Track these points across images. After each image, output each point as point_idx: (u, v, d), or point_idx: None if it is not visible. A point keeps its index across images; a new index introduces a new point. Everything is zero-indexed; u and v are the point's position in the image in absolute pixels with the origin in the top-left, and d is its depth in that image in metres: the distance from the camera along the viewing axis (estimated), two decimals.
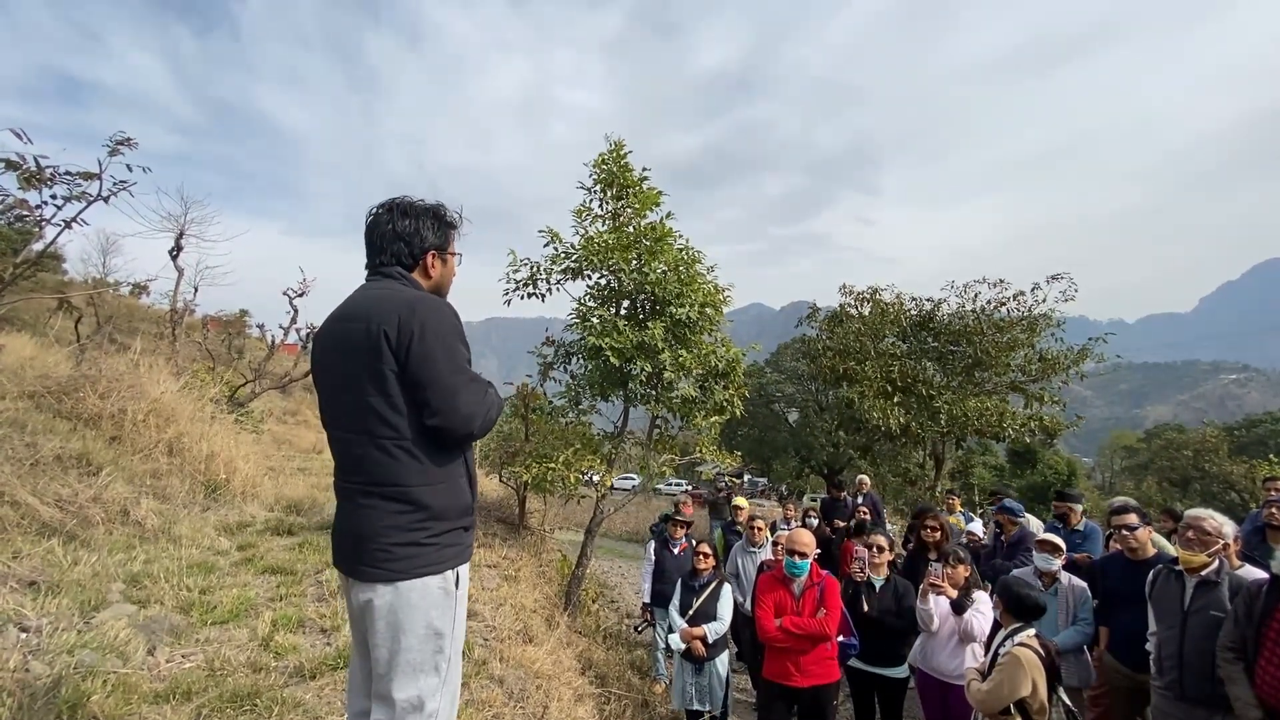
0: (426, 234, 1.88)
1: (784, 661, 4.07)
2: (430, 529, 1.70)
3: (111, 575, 3.63)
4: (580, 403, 7.00)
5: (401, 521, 1.68)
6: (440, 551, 1.72)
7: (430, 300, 1.76)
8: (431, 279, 1.92)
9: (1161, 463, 39.28)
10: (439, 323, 1.70)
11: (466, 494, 1.82)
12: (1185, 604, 3.29)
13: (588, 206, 6.84)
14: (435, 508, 1.71)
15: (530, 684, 3.55)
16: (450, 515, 1.74)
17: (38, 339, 9.96)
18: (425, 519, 1.69)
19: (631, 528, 20.48)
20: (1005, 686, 3.03)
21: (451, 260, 1.98)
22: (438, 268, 1.92)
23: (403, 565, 1.66)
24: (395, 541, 1.66)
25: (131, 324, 15.61)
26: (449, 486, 1.75)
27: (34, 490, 4.18)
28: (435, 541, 1.71)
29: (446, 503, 1.73)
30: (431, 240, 1.89)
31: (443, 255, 1.93)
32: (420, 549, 1.68)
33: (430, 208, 1.93)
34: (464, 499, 1.81)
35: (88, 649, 2.73)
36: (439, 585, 1.70)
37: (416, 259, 1.87)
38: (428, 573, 1.69)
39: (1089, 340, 15.19)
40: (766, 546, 6.39)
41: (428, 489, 1.70)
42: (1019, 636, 3.20)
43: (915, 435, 15.49)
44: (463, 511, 1.79)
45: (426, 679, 1.69)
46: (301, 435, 13.61)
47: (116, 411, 5.72)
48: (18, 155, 3.36)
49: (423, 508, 1.69)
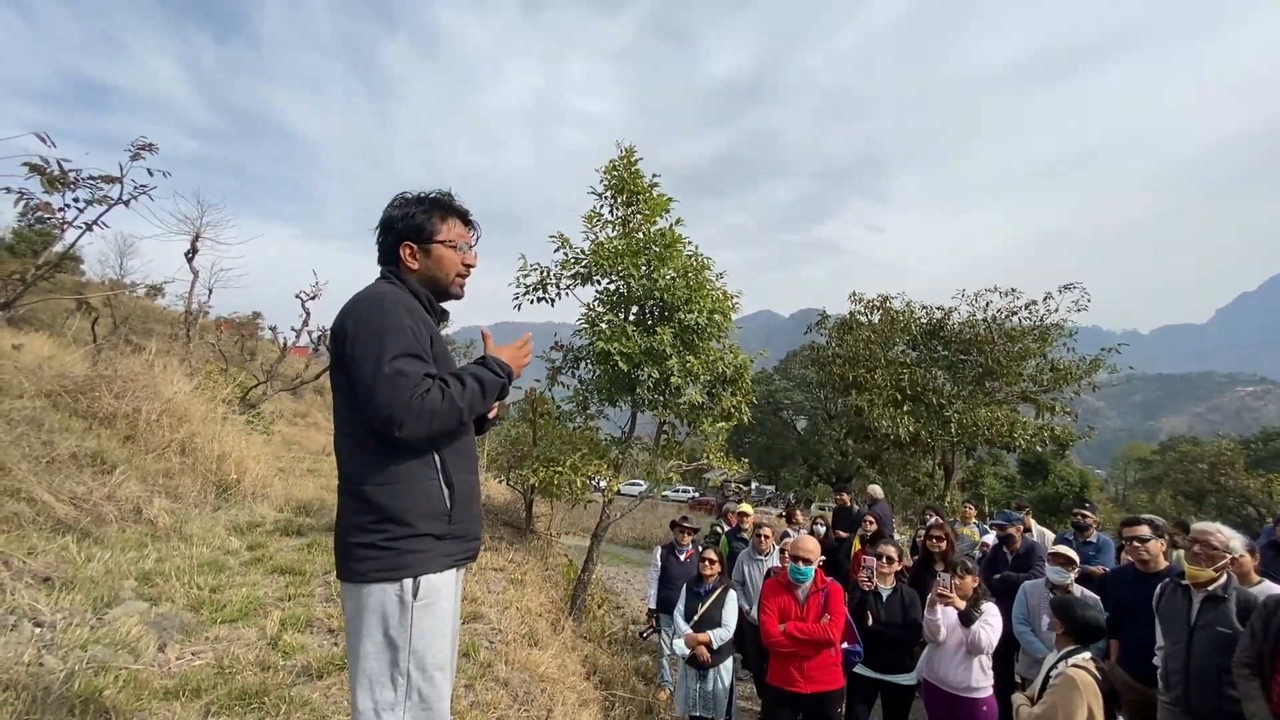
0: (400, 225, 1.76)
1: (788, 667, 4.05)
2: (387, 531, 1.59)
3: (124, 572, 3.68)
4: (588, 407, 7.02)
5: (360, 521, 1.61)
6: (398, 557, 1.59)
7: (372, 294, 1.67)
8: (417, 271, 1.78)
9: (1176, 476, 38.83)
10: (368, 320, 1.60)
11: (438, 499, 1.66)
12: (1192, 619, 3.26)
13: (598, 212, 6.88)
14: (389, 509, 1.59)
15: (535, 687, 3.56)
16: (409, 519, 1.60)
17: (55, 338, 10.12)
18: (379, 520, 1.59)
19: (638, 534, 20.45)
20: (1059, 711, 2.84)
21: (445, 249, 1.79)
22: (418, 260, 1.78)
23: (363, 567, 1.58)
24: (356, 541, 1.60)
25: (146, 325, 15.82)
26: (406, 488, 1.62)
27: (50, 487, 4.25)
28: (392, 546, 1.58)
29: (404, 505, 1.60)
30: (407, 232, 1.76)
31: (424, 246, 1.77)
32: (378, 552, 1.58)
33: (417, 196, 1.79)
34: (433, 503, 1.65)
35: (100, 645, 2.77)
36: (395, 593, 1.58)
37: (394, 253, 1.77)
38: (384, 578, 1.57)
39: (1102, 351, 15.07)
40: (773, 554, 6.36)
41: (380, 489, 1.60)
42: (1075, 658, 3.04)
43: (925, 444, 15.42)
44: (429, 516, 1.64)
45: (383, 692, 1.58)
46: (311, 437, 13.71)
47: (131, 411, 5.80)
48: (42, 159, 3.43)
49: (375, 508, 1.59)
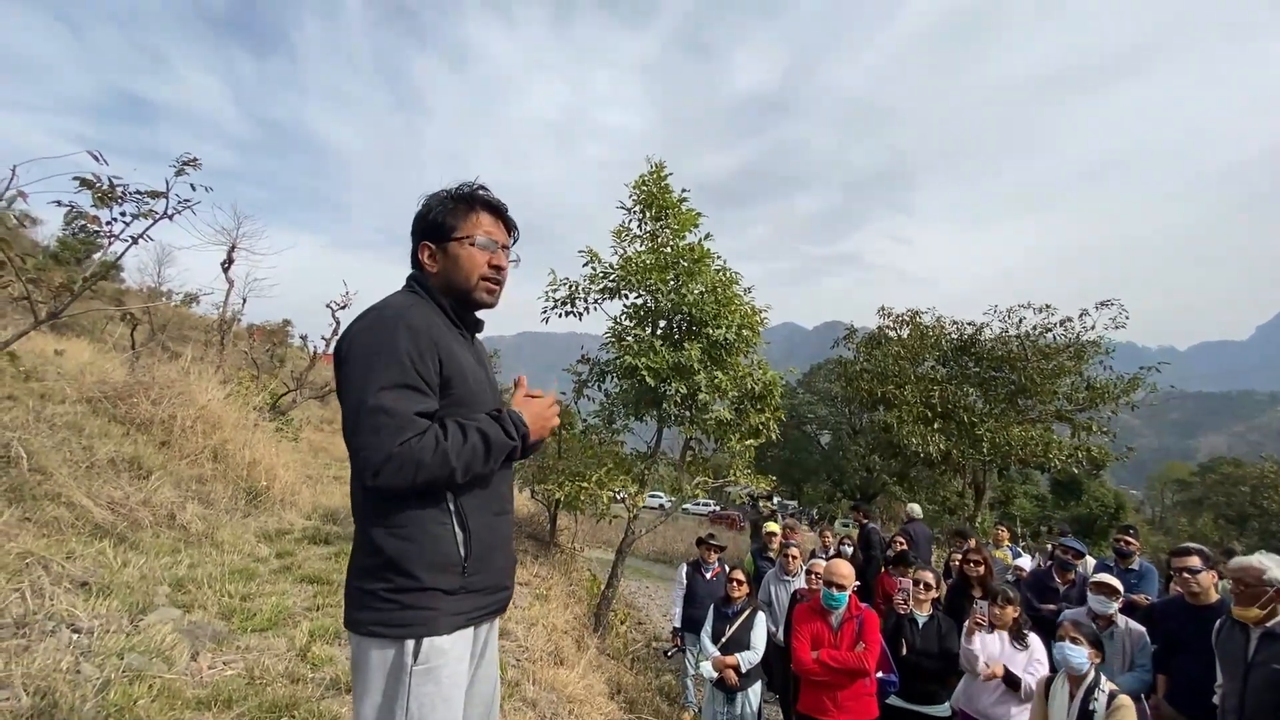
0: (419, 225, 1.58)
1: (820, 696, 3.94)
2: (390, 582, 1.39)
3: (158, 578, 3.73)
4: (614, 421, 6.99)
5: (364, 564, 1.43)
6: (400, 613, 1.38)
7: (370, 314, 1.46)
8: (437, 274, 1.57)
9: (1217, 498, 37.52)
10: (361, 341, 1.40)
11: (450, 546, 1.44)
12: (1249, 656, 3.13)
13: (627, 227, 6.89)
14: (392, 555, 1.39)
15: (562, 708, 3.52)
16: (416, 570, 1.40)
17: (95, 344, 10.42)
18: (380, 567, 1.40)
19: (658, 548, 20.28)
20: None
21: (468, 246, 1.55)
22: (438, 261, 1.56)
23: (364, 616, 1.40)
24: (360, 587, 1.42)
25: (182, 332, 16.25)
26: (415, 532, 1.41)
27: (88, 492, 4.34)
28: (393, 599, 1.39)
29: (411, 554, 1.40)
30: (424, 232, 1.57)
31: (441, 245, 1.56)
32: (380, 603, 1.39)
33: (440, 191, 1.60)
34: (443, 552, 1.43)
35: (135, 652, 2.79)
36: (393, 654, 1.39)
37: (416, 255, 1.59)
38: (379, 634, 1.39)
39: (1140, 369, 14.65)
40: (800, 575, 6.24)
41: (385, 532, 1.40)
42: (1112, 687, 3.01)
43: (956, 463, 15.08)
44: (440, 568, 1.42)
45: None
46: (337, 444, 13.88)
47: (166, 417, 5.92)
48: (94, 175, 3.55)
49: (377, 552, 1.40)
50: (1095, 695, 3.11)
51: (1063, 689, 3.29)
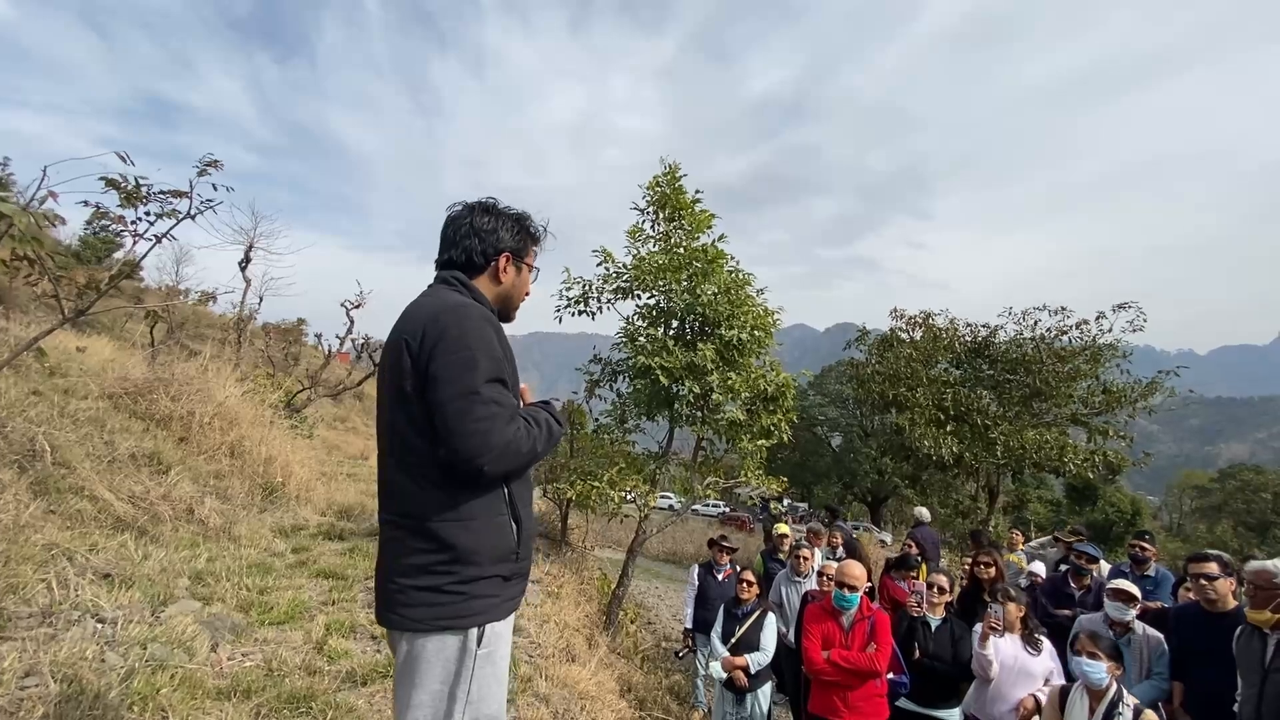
0: (504, 235, 1.71)
1: (831, 697, 3.94)
2: (456, 574, 1.44)
3: (178, 571, 3.80)
4: (626, 421, 7.01)
5: (422, 562, 1.45)
6: (466, 603, 1.44)
7: (461, 308, 1.52)
8: (501, 285, 1.73)
9: (1237, 505, 36.96)
10: (461, 334, 1.46)
11: (509, 535, 1.53)
12: (1266, 661, 3.09)
13: (640, 227, 6.91)
14: (463, 548, 1.44)
15: (575, 705, 3.54)
16: (483, 559, 1.46)
17: (115, 341, 10.59)
18: (449, 561, 1.44)
19: (668, 547, 20.28)
20: None
21: (526, 272, 1.79)
22: (510, 274, 1.73)
23: (420, 614, 1.43)
24: (415, 584, 1.44)
25: (199, 330, 16.47)
26: (483, 524, 1.47)
27: (110, 486, 4.41)
28: (461, 590, 1.44)
29: (479, 544, 1.46)
30: (508, 242, 1.72)
31: (518, 262, 1.75)
32: (442, 597, 1.43)
33: (516, 213, 1.77)
34: (504, 541, 1.52)
35: (157, 643, 2.85)
36: (458, 643, 1.45)
37: (489, 259, 1.69)
38: (447, 627, 1.43)
39: (1158, 373, 14.45)
40: (811, 577, 6.22)
41: (456, 525, 1.45)
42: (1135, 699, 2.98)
43: (969, 466, 14.96)
44: (501, 556, 1.50)
45: None
46: (350, 441, 14.03)
47: (185, 414, 6.02)
48: (120, 175, 3.62)
49: (447, 547, 1.44)
50: (1120, 710, 3.05)
51: (1081, 701, 3.24)
